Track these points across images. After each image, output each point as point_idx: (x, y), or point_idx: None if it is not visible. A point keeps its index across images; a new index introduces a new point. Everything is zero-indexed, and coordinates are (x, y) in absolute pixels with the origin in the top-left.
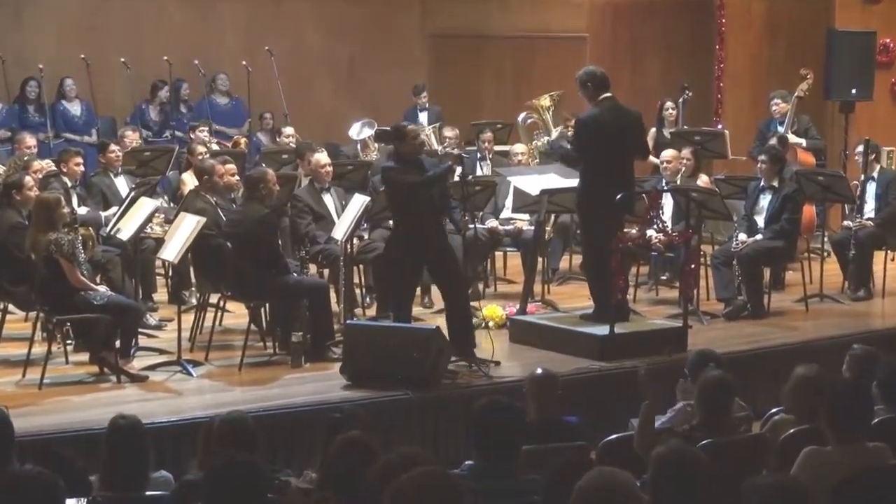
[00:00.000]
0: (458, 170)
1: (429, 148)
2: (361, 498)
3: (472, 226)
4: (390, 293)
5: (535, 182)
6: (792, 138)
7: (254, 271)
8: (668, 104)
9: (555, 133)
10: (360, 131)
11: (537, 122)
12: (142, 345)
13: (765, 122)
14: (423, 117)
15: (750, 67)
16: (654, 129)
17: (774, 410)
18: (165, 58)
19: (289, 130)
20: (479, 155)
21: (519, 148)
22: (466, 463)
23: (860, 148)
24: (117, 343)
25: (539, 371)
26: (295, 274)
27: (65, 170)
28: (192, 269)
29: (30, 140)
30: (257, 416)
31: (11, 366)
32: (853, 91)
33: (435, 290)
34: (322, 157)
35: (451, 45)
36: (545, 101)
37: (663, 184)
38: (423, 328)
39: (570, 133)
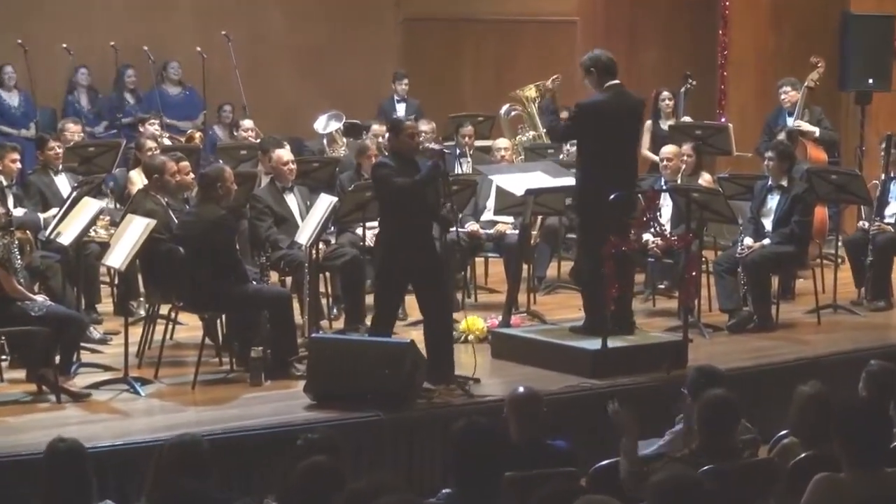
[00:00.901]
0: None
1: (425, 145)
2: None
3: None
4: (378, 304)
5: (519, 181)
6: (804, 125)
7: (209, 279)
8: (665, 94)
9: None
10: (326, 125)
11: (522, 114)
12: (84, 360)
13: (772, 115)
14: (401, 109)
15: (756, 55)
16: (649, 122)
17: (783, 433)
18: (112, 43)
19: (248, 124)
20: (458, 151)
21: (502, 143)
22: (443, 491)
23: (885, 144)
24: (57, 359)
25: (521, 389)
26: (254, 282)
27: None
28: (140, 277)
29: None
30: (212, 439)
31: None
32: (870, 81)
33: (410, 300)
34: (284, 153)
35: (426, 29)
36: (530, 91)
37: (662, 183)
38: (397, 342)
39: (556, 107)
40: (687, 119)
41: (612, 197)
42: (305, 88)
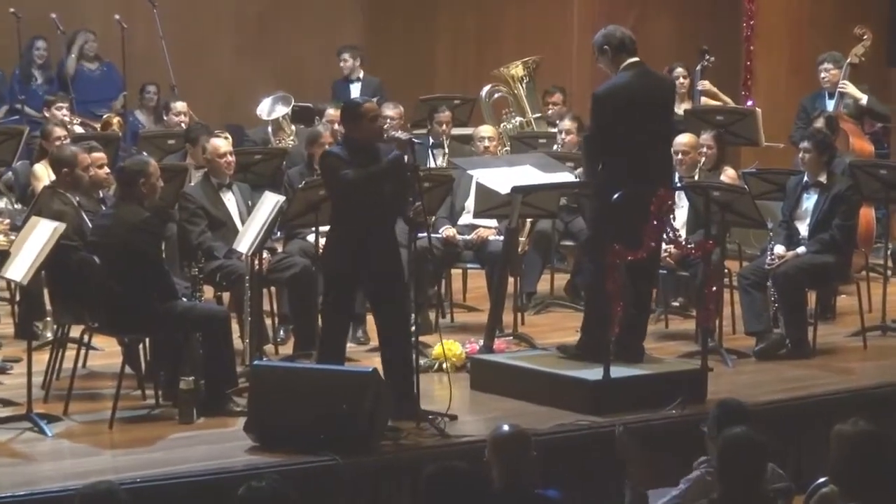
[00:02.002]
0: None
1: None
2: None
3: (422, 235)
4: (326, 324)
5: (504, 177)
6: (850, 88)
7: (129, 295)
8: (679, 70)
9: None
10: (271, 109)
11: (507, 96)
12: None
13: (809, 98)
14: (355, 90)
15: (788, 26)
16: None
17: (821, 481)
18: (12, 10)
19: (177, 107)
20: (430, 141)
21: (484, 131)
22: None
23: None
24: None
25: (506, 428)
26: (184, 299)
27: None
28: (46, 293)
29: None
30: (133, 488)
31: None
32: None
33: (372, 321)
34: (221, 142)
35: None
36: (518, 69)
37: (676, 179)
38: (357, 371)
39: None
40: (706, 101)
41: (615, 196)
42: (246, 66)
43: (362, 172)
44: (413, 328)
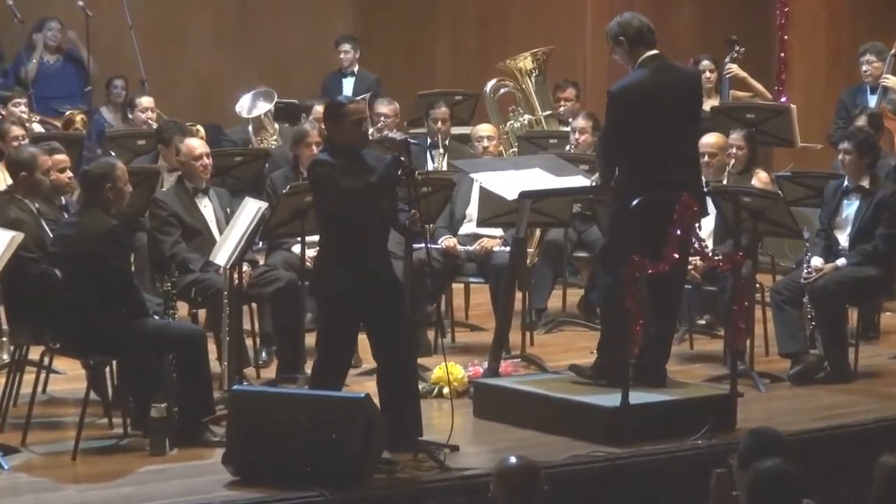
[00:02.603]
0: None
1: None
2: None
3: (420, 246)
4: (326, 359)
5: (511, 181)
6: (893, 83)
7: (94, 313)
8: (705, 63)
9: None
10: (252, 106)
11: (514, 92)
12: None
13: (849, 93)
14: (348, 85)
15: (826, 13)
16: None
17: None
18: None
19: (143, 102)
20: (428, 141)
21: (482, 130)
22: None
23: None
24: None
25: (513, 460)
26: (156, 317)
27: None
28: (2, 310)
29: None
30: None
31: None
32: None
33: (364, 342)
34: (196, 143)
35: None
36: (526, 62)
37: (702, 183)
38: (347, 397)
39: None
40: (735, 92)
41: (635, 202)
42: (225, 58)
43: (362, 184)
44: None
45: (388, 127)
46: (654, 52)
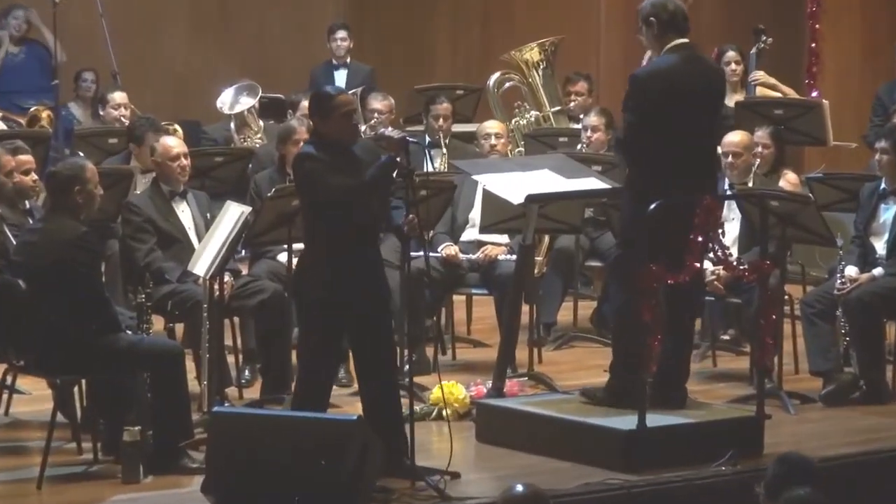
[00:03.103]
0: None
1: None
2: None
3: (417, 253)
4: (308, 373)
5: (517, 183)
6: None
7: (61, 327)
8: (730, 54)
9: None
10: (234, 101)
11: (520, 86)
12: None
13: (887, 86)
14: (340, 78)
15: (861, 0)
16: None
17: None
18: None
19: (115, 98)
20: (427, 139)
21: (490, 127)
22: None
23: None
24: None
25: (519, 488)
26: (129, 332)
27: None
28: None
29: None
30: None
31: None
32: None
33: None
34: (173, 142)
35: None
36: (533, 53)
37: (725, 186)
38: (339, 420)
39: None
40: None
41: (651, 207)
42: (204, 50)
43: (355, 182)
44: (407, 367)
45: (383, 124)
46: (684, 40)
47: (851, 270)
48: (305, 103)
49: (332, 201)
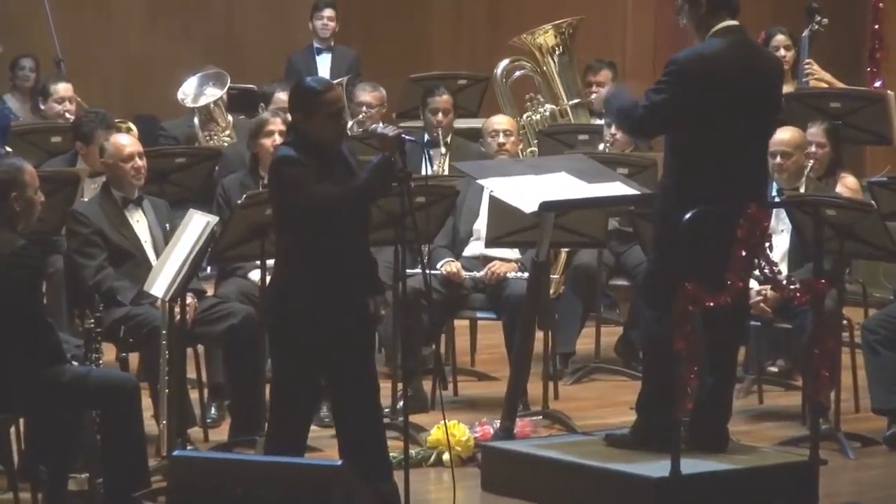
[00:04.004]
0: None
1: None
2: None
3: (414, 270)
4: (281, 411)
5: (530, 189)
6: None
7: None
8: (779, 38)
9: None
10: (199, 93)
11: (532, 75)
12: None
13: None
14: (324, 65)
15: None
16: None
17: None
18: None
19: (59, 90)
20: (425, 137)
21: (498, 123)
22: None
23: None
24: None
25: None
26: (75, 363)
27: None
28: None
29: None
30: None
31: None
32: None
33: None
34: (126, 140)
35: None
36: (547, 37)
37: (773, 192)
38: (320, 465)
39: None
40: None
41: (688, 216)
42: (163, 33)
43: (344, 188)
44: (401, 403)
45: (372, 119)
46: (735, 22)
47: None
48: (282, 96)
49: (319, 211)
